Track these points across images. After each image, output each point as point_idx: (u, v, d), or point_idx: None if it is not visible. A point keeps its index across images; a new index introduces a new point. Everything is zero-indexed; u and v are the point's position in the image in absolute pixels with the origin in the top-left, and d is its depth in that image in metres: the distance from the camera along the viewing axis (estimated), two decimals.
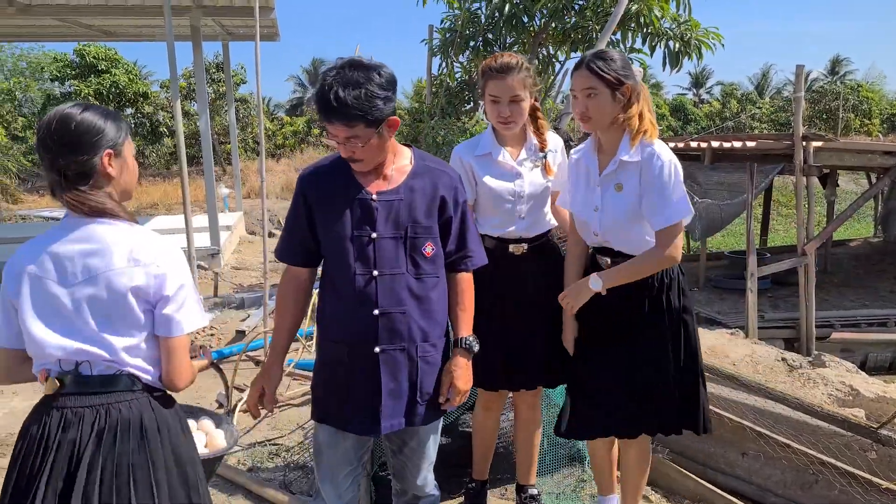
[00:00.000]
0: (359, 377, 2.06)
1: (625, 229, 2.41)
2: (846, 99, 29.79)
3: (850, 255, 12.96)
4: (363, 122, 1.90)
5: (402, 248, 2.05)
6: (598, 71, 2.29)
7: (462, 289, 2.23)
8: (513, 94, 2.52)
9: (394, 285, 2.04)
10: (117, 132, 1.77)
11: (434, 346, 2.14)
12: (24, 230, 11.88)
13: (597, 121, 2.35)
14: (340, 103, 1.87)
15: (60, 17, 9.78)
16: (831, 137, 9.33)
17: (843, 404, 4.03)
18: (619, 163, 2.36)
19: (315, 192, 2.09)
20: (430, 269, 2.10)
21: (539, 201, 2.68)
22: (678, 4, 7.00)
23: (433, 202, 2.10)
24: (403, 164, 2.11)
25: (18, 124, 24.54)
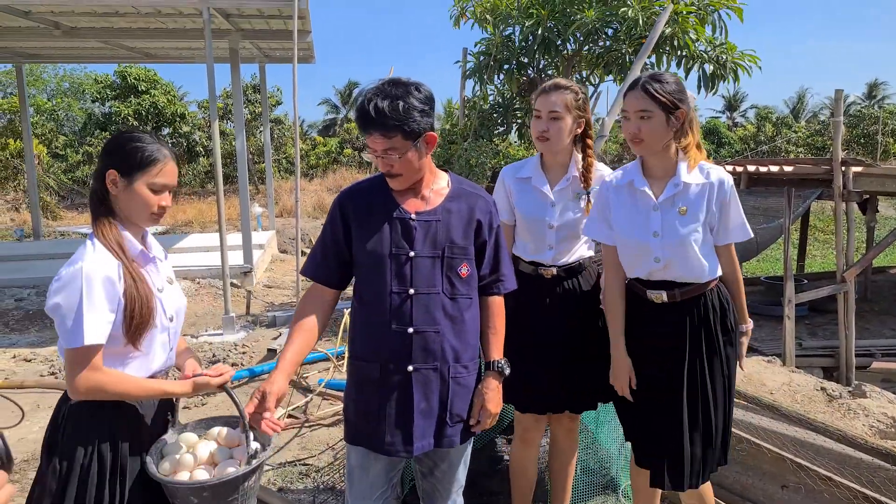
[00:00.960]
0: (391, 396, 2.05)
1: (686, 252, 2.35)
2: (885, 123, 29.24)
3: (890, 283, 12.63)
4: (401, 132, 1.93)
5: (438, 267, 2.06)
6: (653, 93, 2.25)
7: (494, 312, 2.23)
8: (552, 110, 2.55)
9: (429, 304, 2.05)
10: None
11: (466, 367, 2.13)
12: (62, 246, 12.16)
13: (648, 144, 2.31)
14: (378, 113, 1.91)
15: (104, 39, 10.09)
16: (871, 163, 9.15)
17: (885, 436, 3.91)
18: (683, 185, 2.33)
19: (353, 210, 2.10)
20: (465, 290, 2.11)
21: (570, 233, 2.66)
22: (714, 28, 6.98)
23: (469, 225, 2.12)
24: (441, 187, 2.14)
25: (59, 142, 25.27)
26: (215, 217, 7.78)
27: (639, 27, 6.69)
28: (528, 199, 2.67)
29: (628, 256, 2.46)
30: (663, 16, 6.00)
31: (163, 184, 1.95)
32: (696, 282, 2.37)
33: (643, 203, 2.39)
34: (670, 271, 2.37)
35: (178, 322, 2.05)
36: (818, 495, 3.09)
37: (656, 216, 2.36)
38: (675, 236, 2.33)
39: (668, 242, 2.34)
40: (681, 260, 2.35)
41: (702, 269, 2.36)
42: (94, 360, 1.81)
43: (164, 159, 1.95)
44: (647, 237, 2.36)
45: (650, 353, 2.43)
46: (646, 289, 2.43)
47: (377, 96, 1.92)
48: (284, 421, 4.66)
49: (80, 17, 9.06)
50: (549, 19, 7.20)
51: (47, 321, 7.75)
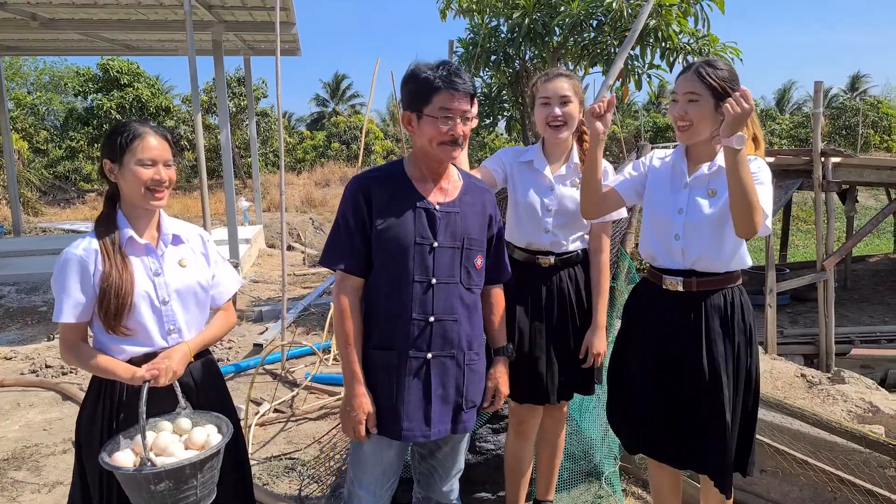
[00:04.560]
0: (409, 383, 2.08)
1: (708, 234, 2.27)
2: (865, 115, 29.56)
3: (869, 271, 12.82)
4: (473, 102, 2.06)
5: (458, 258, 2.12)
6: (703, 75, 2.20)
7: (498, 300, 2.34)
8: (563, 95, 2.59)
9: (449, 294, 2.10)
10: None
11: (477, 354, 2.21)
12: (44, 243, 12.05)
13: (695, 129, 2.25)
14: (470, 80, 2.03)
15: (83, 31, 10.00)
16: (850, 153, 9.26)
17: (863, 421, 3.99)
18: (717, 168, 2.27)
19: (376, 197, 2.08)
20: (478, 281, 2.20)
21: (568, 219, 2.67)
22: (696, 20, 7.03)
23: (484, 218, 2.20)
24: (455, 179, 2.20)
25: (41, 137, 24.98)
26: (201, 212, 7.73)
27: (623, 19, 6.73)
28: (528, 181, 2.69)
29: (654, 234, 2.41)
30: (646, 7, 6.03)
31: (150, 158, 2.02)
32: (716, 272, 2.31)
33: (677, 180, 2.37)
34: (689, 254, 2.30)
35: (180, 304, 2.10)
36: (795, 479, 3.16)
37: (684, 193, 2.33)
38: (699, 217, 2.28)
39: (690, 221, 2.29)
40: (700, 240, 2.28)
41: (722, 254, 2.29)
42: (67, 335, 2.02)
43: (144, 135, 2.03)
44: (671, 213, 2.34)
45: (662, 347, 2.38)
46: (663, 275, 2.38)
47: (456, 66, 2.04)
48: (271, 415, 4.68)
49: (57, 9, 8.96)
50: (534, 11, 7.22)
51: (28, 319, 7.69)
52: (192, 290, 2.12)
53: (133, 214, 2.07)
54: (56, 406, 5.05)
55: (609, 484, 3.39)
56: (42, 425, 4.69)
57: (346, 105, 39.43)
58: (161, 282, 2.06)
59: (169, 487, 1.79)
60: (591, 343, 2.69)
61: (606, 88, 6.38)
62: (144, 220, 2.09)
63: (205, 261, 2.21)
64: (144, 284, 2.02)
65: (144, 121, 2.10)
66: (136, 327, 2.02)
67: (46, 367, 5.90)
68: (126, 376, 1.98)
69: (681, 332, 2.34)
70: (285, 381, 5.37)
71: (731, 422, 2.27)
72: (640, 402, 2.43)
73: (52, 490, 3.75)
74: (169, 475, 1.78)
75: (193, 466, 1.82)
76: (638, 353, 2.45)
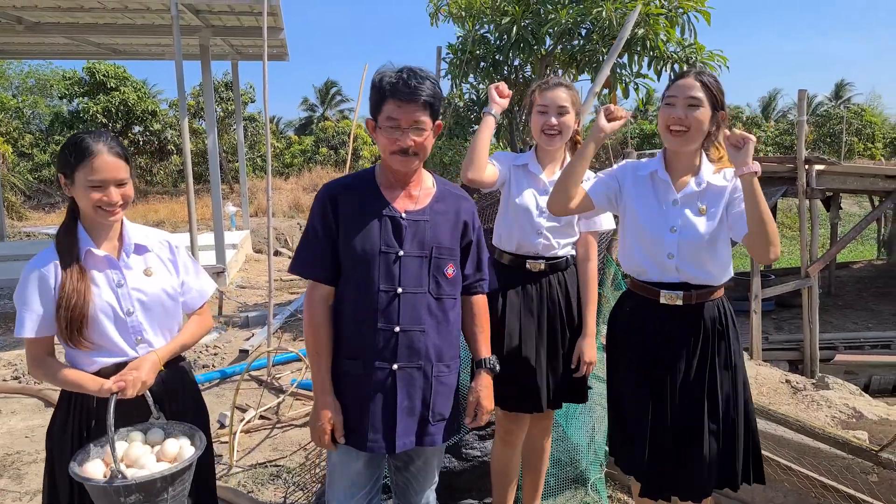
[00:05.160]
0: (375, 394, 2.05)
1: (702, 252, 2.26)
2: (849, 123, 29.89)
3: (853, 278, 12.94)
4: (429, 109, 2.00)
5: (425, 267, 2.07)
6: (705, 82, 2.20)
7: (479, 310, 2.27)
8: (560, 105, 2.63)
9: (415, 303, 2.06)
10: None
11: (448, 366, 2.15)
12: (28, 248, 11.94)
13: (691, 135, 2.22)
14: (419, 85, 1.96)
15: (69, 35, 9.93)
16: (834, 161, 9.37)
17: (847, 426, 4.02)
18: (707, 184, 2.28)
19: (344, 205, 2.07)
20: (450, 291, 2.13)
21: (561, 223, 2.68)
22: (683, 29, 7.08)
23: (456, 226, 2.14)
24: (427, 187, 2.15)
25: (26, 141, 24.76)
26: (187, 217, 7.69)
27: (612, 27, 6.77)
28: (524, 183, 2.72)
29: (641, 250, 2.36)
30: (632, 16, 6.07)
31: (99, 179, 1.94)
32: (710, 284, 2.30)
33: (663, 195, 2.32)
34: (683, 271, 2.28)
35: (145, 314, 2.06)
36: (778, 485, 3.17)
37: (676, 211, 2.29)
38: (693, 235, 2.26)
39: (685, 240, 2.26)
40: (694, 258, 2.27)
41: (716, 269, 2.29)
42: (31, 350, 2.00)
43: (97, 153, 1.93)
44: (663, 231, 2.29)
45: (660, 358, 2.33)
46: (659, 290, 2.33)
47: (414, 71, 1.98)
48: (256, 422, 4.65)
49: (43, 12, 8.90)
50: (523, 18, 7.25)
51: (11, 324, 7.59)
52: (157, 298, 2.09)
53: (92, 226, 2.04)
54: (38, 413, 5.00)
55: (595, 490, 3.40)
56: (24, 432, 4.63)
57: (334, 110, 39.38)
58: (124, 293, 2.03)
59: (139, 500, 1.76)
60: (583, 351, 2.69)
61: (593, 95, 6.41)
62: (105, 232, 2.05)
63: (172, 268, 2.18)
64: (106, 296, 2.00)
65: (98, 134, 1.99)
66: (101, 339, 2.00)
67: (29, 374, 5.83)
68: (94, 388, 1.95)
69: (681, 345, 2.30)
70: (271, 388, 5.34)
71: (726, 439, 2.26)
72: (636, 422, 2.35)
73: (34, 498, 3.71)
74: (139, 488, 1.75)
75: (165, 480, 1.79)
76: (634, 372, 2.38)
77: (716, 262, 2.28)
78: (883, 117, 34.00)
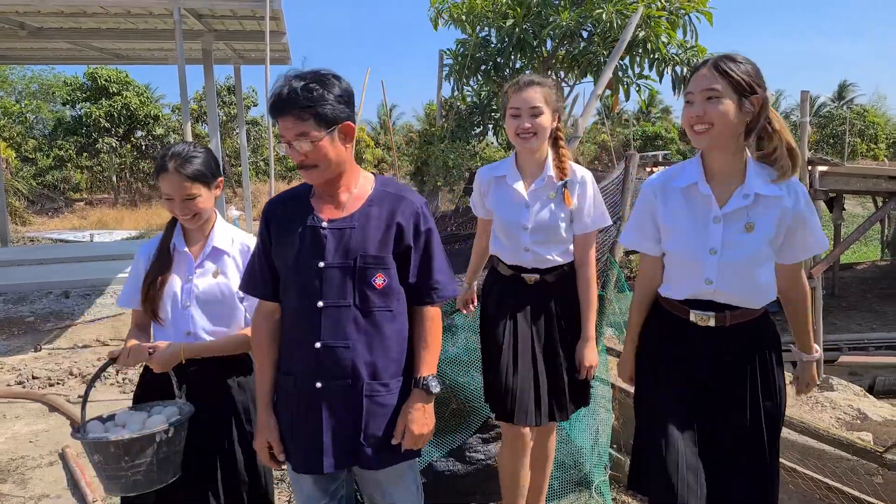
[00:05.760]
0: (302, 412, 1.97)
1: (746, 274, 1.97)
2: (853, 124, 29.87)
3: (857, 279, 12.92)
4: (313, 116, 1.83)
5: (350, 278, 1.92)
6: (724, 69, 1.89)
7: (424, 323, 2.03)
8: (532, 106, 2.48)
9: (339, 318, 1.92)
10: None
11: (386, 385, 1.97)
12: (31, 253, 11.96)
13: (717, 132, 1.91)
14: (292, 93, 1.81)
15: (72, 40, 9.96)
16: (837, 162, 9.35)
17: (851, 428, 4.01)
18: (754, 196, 1.93)
19: (275, 219, 2.02)
20: (382, 303, 1.95)
21: (547, 235, 2.56)
22: (684, 31, 7.10)
23: (388, 231, 1.95)
24: (363, 191, 2.00)
25: (29, 146, 24.85)
26: None
27: (613, 30, 6.78)
28: (503, 198, 2.61)
29: (674, 272, 2.10)
30: (634, 18, 6.09)
31: (167, 193, 2.22)
32: (750, 306, 2.02)
33: (703, 211, 2.00)
34: (722, 294, 2.00)
35: (200, 311, 2.25)
36: (783, 486, 3.16)
37: (717, 229, 1.96)
38: (737, 257, 1.95)
39: (726, 263, 1.96)
40: (736, 284, 1.98)
41: (758, 294, 2.02)
42: (132, 319, 2.36)
43: (164, 171, 2.20)
44: (701, 253, 1.98)
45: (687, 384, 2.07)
46: (689, 309, 2.06)
47: (293, 79, 1.84)
48: None
49: (46, 18, 8.93)
50: (525, 21, 7.26)
51: (15, 329, 7.62)
52: (215, 298, 2.27)
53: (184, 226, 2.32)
54: (42, 418, 5.00)
55: (599, 493, 3.39)
56: (28, 437, 4.63)
57: None
58: (188, 288, 2.25)
59: (101, 461, 1.98)
60: (583, 356, 2.60)
61: (595, 98, 6.42)
62: (195, 232, 2.32)
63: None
64: (175, 287, 2.25)
65: (175, 153, 2.22)
66: (165, 322, 2.26)
67: (33, 378, 5.84)
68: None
69: (711, 368, 2.04)
70: None
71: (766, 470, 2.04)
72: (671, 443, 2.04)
73: (38, 503, 3.71)
74: (98, 448, 1.97)
75: (117, 446, 1.96)
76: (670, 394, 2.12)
77: (759, 285, 1.99)
78: (886, 118, 33.98)
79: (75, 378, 5.84)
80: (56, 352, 6.80)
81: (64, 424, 4.82)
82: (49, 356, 6.63)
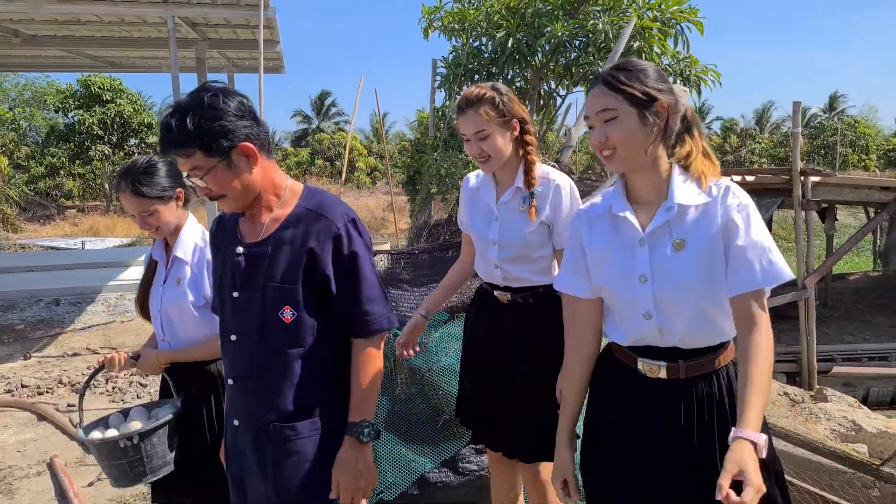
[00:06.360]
0: (229, 451, 1.89)
1: (692, 304, 1.63)
2: (844, 135, 30.10)
3: (850, 289, 12.96)
4: (199, 149, 1.65)
5: (260, 309, 1.74)
6: (615, 84, 1.62)
7: (357, 360, 1.79)
8: (477, 130, 2.28)
9: (249, 352, 1.77)
10: None
11: (294, 429, 1.74)
12: (22, 260, 11.88)
13: (624, 155, 1.65)
14: (167, 131, 1.66)
15: (65, 47, 9.93)
16: (829, 172, 9.41)
17: (846, 439, 4.00)
18: (678, 209, 1.63)
19: (213, 241, 1.96)
20: (291, 339, 1.74)
21: (516, 252, 2.34)
22: (675, 41, 7.13)
23: (299, 257, 1.72)
24: (284, 210, 1.80)
25: (22, 153, 24.76)
26: None
27: (607, 40, 6.80)
28: (475, 210, 2.47)
29: (613, 312, 1.79)
30: (627, 29, 6.11)
31: (128, 212, 2.35)
32: (706, 346, 1.67)
33: (626, 235, 1.70)
34: (670, 334, 1.67)
35: (166, 317, 2.32)
36: None
37: (643, 253, 1.67)
38: (670, 281, 1.63)
39: (660, 290, 1.65)
40: (678, 316, 1.65)
41: (711, 329, 1.66)
42: None
43: (119, 191, 2.29)
44: (631, 282, 1.68)
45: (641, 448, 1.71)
46: (637, 356, 1.72)
47: (170, 113, 1.67)
48: None
49: (40, 25, 8.91)
50: (518, 31, 7.28)
51: (4, 337, 7.55)
52: (177, 307, 2.29)
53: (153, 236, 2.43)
54: (31, 427, 4.94)
55: None
56: (16, 447, 4.58)
57: (329, 122, 39.49)
58: (159, 295, 2.34)
59: (97, 457, 2.14)
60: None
61: None
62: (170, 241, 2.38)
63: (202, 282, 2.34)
64: (154, 293, 2.37)
65: (127, 172, 2.27)
66: (154, 327, 2.39)
67: (22, 387, 5.78)
68: None
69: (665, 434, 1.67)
70: None
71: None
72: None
73: None
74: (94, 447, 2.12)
75: (95, 446, 2.11)
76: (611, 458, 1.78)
77: (708, 317, 1.64)
78: (877, 129, 34.26)
79: (65, 387, 5.78)
80: (46, 360, 6.74)
81: (53, 434, 4.76)
82: (39, 364, 6.57)
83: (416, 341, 2.65)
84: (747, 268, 1.56)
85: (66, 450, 4.43)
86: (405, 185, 11.87)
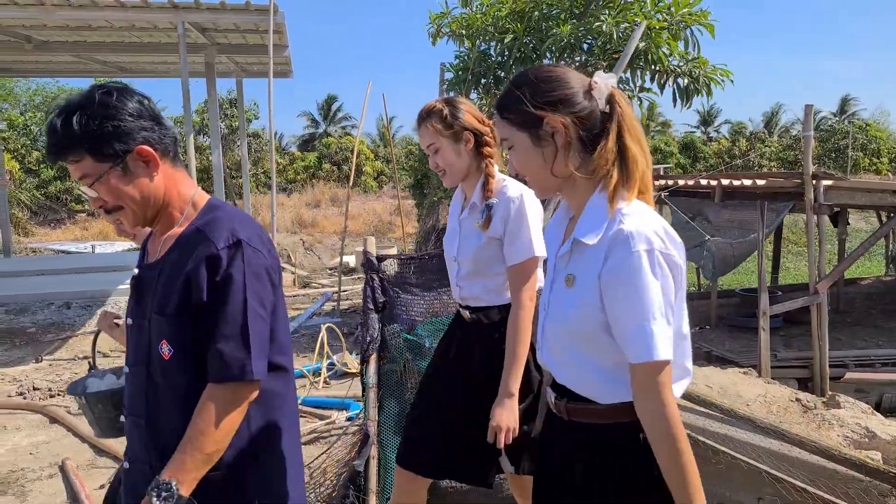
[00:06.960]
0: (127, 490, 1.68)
1: (568, 349, 1.47)
2: (855, 138, 29.92)
3: (862, 294, 12.86)
4: (88, 153, 1.46)
5: (146, 342, 1.54)
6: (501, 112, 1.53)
7: (198, 406, 1.46)
8: (428, 143, 2.30)
9: (137, 387, 1.57)
10: None
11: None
12: (34, 264, 11.95)
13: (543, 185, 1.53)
14: (55, 131, 1.46)
15: (77, 53, 9.99)
16: (841, 176, 9.34)
17: (859, 446, 3.95)
18: (573, 242, 1.44)
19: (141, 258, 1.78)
20: (171, 376, 1.51)
21: (473, 268, 2.29)
22: (686, 43, 7.09)
23: (178, 285, 1.48)
24: (181, 229, 1.59)
25: (33, 158, 24.91)
26: None
27: (613, 42, 6.78)
28: (449, 228, 2.46)
29: None
30: (637, 32, 6.08)
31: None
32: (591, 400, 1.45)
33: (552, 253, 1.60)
34: (549, 367, 1.56)
35: None
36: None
37: (549, 279, 1.55)
38: (555, 318, 1.49)
39: (549, 325, 1.51)
40: (556, 356, 1.52)
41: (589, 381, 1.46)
42: None
43: None
44: (541, 310, 1.58)
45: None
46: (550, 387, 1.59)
47: (56, 113, 1.47)
48: None
49: (52, 31, 8.97)
50: (525, 34, 7.27)
51: (17, 340, 7.59)
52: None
53: None
54: (43, 429, 4.96)
55: None
56: (28, 449, 4.60)
57: (337, 126, 39.58)
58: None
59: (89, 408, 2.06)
60: (493, 413, 2.11)
61: None
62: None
63: None
64: None
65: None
66: None
67: (34, 390, 5.81)
68: None
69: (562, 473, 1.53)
70: None
71: None
72: None
73: None
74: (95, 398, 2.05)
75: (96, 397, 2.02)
76: None
77: (590, 368, 1.43)
78: (888, 132, 34.03)
79: None
80: (57, 363, 6.77)
81: (65, 436, 4.78)
82: (50, 367, 6.60)
83: None
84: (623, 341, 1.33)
85: (78, 452, 4.44)
86: (412, 189, 11.87)
